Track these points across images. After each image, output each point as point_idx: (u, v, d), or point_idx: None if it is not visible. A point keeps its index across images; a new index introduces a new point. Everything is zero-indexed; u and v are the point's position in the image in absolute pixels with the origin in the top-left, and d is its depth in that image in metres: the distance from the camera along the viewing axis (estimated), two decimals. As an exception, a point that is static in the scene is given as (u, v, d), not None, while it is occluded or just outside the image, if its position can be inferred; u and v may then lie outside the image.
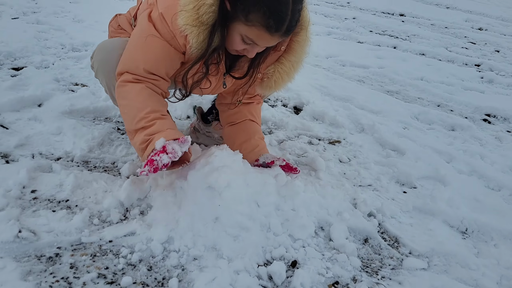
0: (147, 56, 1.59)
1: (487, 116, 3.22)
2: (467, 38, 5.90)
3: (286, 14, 1.40)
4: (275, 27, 1.41)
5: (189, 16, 1.46)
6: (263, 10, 1.38)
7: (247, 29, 1.45)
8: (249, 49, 1.55)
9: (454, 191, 2.10)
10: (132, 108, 1.59)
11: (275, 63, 1.76)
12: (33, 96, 2.40)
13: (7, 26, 3.73)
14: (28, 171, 1.73)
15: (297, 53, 1.71)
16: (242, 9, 1.41)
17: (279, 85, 1.80)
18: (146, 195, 1.72)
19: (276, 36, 1.46)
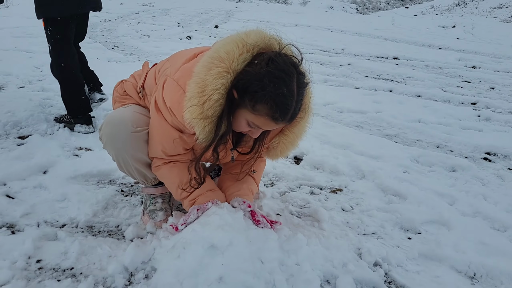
0: (164, 144, 1.77)
1: (487, 154, 3.24)
2: (461, 77, 6.01)
3: (291, 106, 1.50)
4: (281, 118, 1.51)
5: (194, 110, 1.53)
6: (270, 104, 1.47)
7: (253, 117, 1.53)
8: (253, 131, 1.64)
9: (459, 234, 2.09)
10: (170, 185, 1.89)
11: (279, 134, 1.83)
12: (38, 164, 2.47)
13: (14, 95, 3.87)
14: (34, 241, 1.76)
15: (300, 125, 1.79)
16: (249, 99, 1.49)
17: (284, 153, 1.89)
18: (150, 257, 1.73)
19: (281, 124, 1.56)
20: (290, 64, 1.50)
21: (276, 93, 1.45)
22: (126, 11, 14.08)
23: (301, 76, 1.54)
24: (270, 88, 1.45)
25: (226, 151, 1.87)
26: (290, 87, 1.48)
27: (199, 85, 1.51)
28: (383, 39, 10.05)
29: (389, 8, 27.69)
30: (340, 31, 11.52)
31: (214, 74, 1.49)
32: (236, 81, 1.50)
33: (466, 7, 20.33)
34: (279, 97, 1.46)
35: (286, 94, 1.47)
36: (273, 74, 1.46)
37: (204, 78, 1.50)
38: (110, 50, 7.06)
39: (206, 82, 1.50)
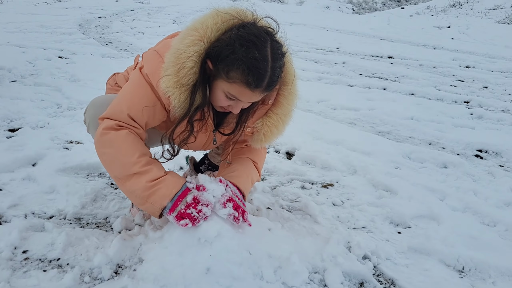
0: (133, 102, 1.63)
1: (478, 151, 3.25)
2: (455, 76, 6.02)
3: (265, 71, 1.46)
4: (254, 84, 1.46)
5: (170, 79, 1.52)
6: (242, 68, 1.43)
7: (229, 86, 1.50)
8: (233, 105, 1.59)
9: (448, 229, 2.09)
10: (119, 154, 1.59)
11: (263, 117, 1.78)
12: (27, 156, 2.45)
13: (5, 89, 3.84)
14: (20, 232, 1.74)
15: (283, 106, 1.74)
16: (222, 67, 1.47)
17: (268, 138, 1.81)
18: (137, 249, 1.72)
19: (257, 92, 1.50)
20: (263, 31, 1.49)
21: (247, 57, 1.43)
22: (121, 8, 14.02)
23: (276, 44, 1.51)
24: (241, 52, 1.43)
25: (208, 132, 1.81)
26: (263, 51, 1.45)
27: (174, 54, 1.52)
28: (378, 38, 10.06)
29: (385, 8, 27.74)
30: (335, 30, 11.53)
31: (187, 42, 1.50)
32: (209, 50, 1.49)
33: (461, 8, 20.40)
34: (250, 60, 1.43)
35: (258, 57, 1.43)
36: (244, 38, 1.44)
37: (179, 48, 1.51)
38: (104, 46, 7.02)
39: (180, 50, 1.50)
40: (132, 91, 1.66)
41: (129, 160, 1.57)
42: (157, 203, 1.58)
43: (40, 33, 7.56)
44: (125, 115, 1.62)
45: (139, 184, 1.57)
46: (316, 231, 2.00)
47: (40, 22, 8.96)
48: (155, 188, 1.58)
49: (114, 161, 1.60)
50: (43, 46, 6.28)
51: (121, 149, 1.59)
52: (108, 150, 1.60)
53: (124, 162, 1.58)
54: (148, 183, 1.57)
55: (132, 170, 1.57)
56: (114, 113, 1.63)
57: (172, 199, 1.60)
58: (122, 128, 1.62)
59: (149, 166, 1.60)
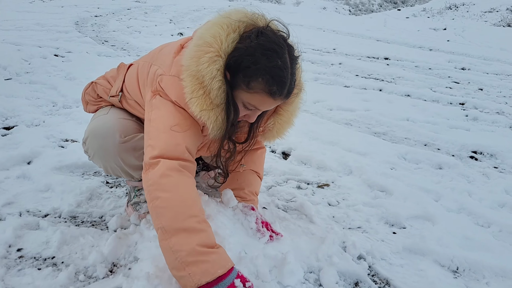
0: (184, 132, 1.51)
1: (473, 153, 3.26)
2: (450, 78, 6.05)
3: (287, 78, 1.43)
4: (278, 92, 1.43)
5: (202, 103, 1.45)
6: (266, 78, 1.39)
7: (249, 97, 1.46)
8: (250, 114, 1.56)
9: (443, 229, 2.10)
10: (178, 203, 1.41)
11: (274, 115, 1.75)
12: (23, 154, 2.44)
13: (0, 87, 3.83)
14: (15, 230, 1.74)
15: (293, 102, 1.72)
16: (243, 78, 1.42)
17: (280, 133, 1.80)
18: (133, 248, 1.72)
19: (279, 100, 1.48)
20: (279, 36, 1.46)
21: (270, 66, 1.39)
22: (117, 7, 13.99)
23: (291, 48, 1.49)
24: (263, 61, 1.38)
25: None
26: (284, 58, 1.41)
27: (196, 77, 1.43)
28: (375, 39, 10.10)
29: (382, 10, 27.84)
30: (332, 31, 11.56)
31: (205, 62, 1.41)
32: (228, 61, 1.43)
33: (458, 10, 20.51)
34: (274, 69, 1.39)
35: (281, 66, 1.40)
36: (265, 46, 1.39)
37: (198, 69, 1.42)
38: (100, 44, 7.01)
39: (202, 72, 1.41)
40: (173, 120, 1.51)
41: (187, 211, 1.40)
42: (195, 276, 1.34)
43: (36, 31, 7.54)
44: (183, 148, 1.49)
45: (188, 245, 1.35)
46: (312, 231, 2.01)
47: (36, 20, 8.94)
48: (202, 258, 1.35)
49: (169, 208, 1.40)
50: (39, 44, 6.27)
51: (181, 197, 1.42)
52: (166, 194, 1.41)
53: (180, 212, 1.39)
54: (198, 248, 1.35)
55: (185, 224, 1.38)
56: (170, 150, 1.47)
57: (212, 279, 1.35)
58: (185, 171, 1.47)
59: (205, 226, 1.42)
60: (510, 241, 2.07)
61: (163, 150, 1.46)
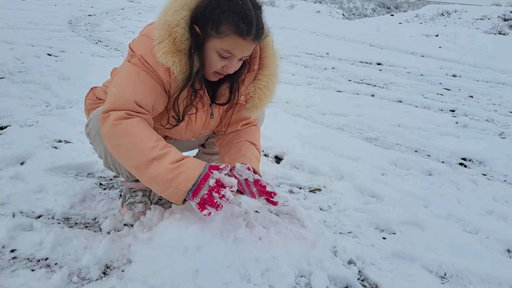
0: (136, 88, 1.62)
1: (463, 160, 3.32)
2: (441, 84, 6.13)
3: (252, 17, 1.54)
4: (246, 30, 1.53)
5: (167, 48, 1.56)
6: (232, 17, 1.51)
7: (221, 42, 1.56)
8: (228, 64, 1.63)
9: (432, 235, 2.14)
10: (136, 142, 1.55)
11: (254, 81, 1.84)
12: (16, 155, 2.44)
13: (-7, 86, 3.81)
14: (8, 231, 1.74)
15: (269, 67, 1.82)
16: (211, 25, 1.54)
17: (263, 101, 1.85)
18: (126, 250, 1.73)
19: (249, 40, 1.57)
20: None
21: (234, 7, 1.51)
22: (111, 7, 13.96)
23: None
24: (226, 4, 1.51)
25: (206, 108, 1.84)
26: (245, 2, 1.54)
27: (163, 26, 1.57)
28: (368, 44, 10.19)
29: (375, 15, 28.02)
30: (325, 35, 11.64)
31: (171, 14, 1.56)
32: (194, 14, 1.56)
33: (450, 17, 20.72)
34: (238, 9, 1.51)
35: (242, 5, 1.52)
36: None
37: (165, 20, 1.57)
38: (94, 44, 6.99)
39: (168, 22, 1.56)
40: (130, 79, 1.64)
41: (147, 145, 1.55)
42: (181, 185, 1.54)
43: (29, 30, 7.49)
44: (131, 102, 1.60)
45: (161, 168, 1.54)
46: (303, 235, 2.03)
47: (29, 18, 8.89)
48: (178, 170, 1.54)
49: (131, 150, 1.55)
50: (32, 43, 6.23)
51: (136, 136, 1.55)
52: (123, 140, 1.56)
53: (142, 148, 1.54)
54: (171, 165, 1.54)
55: (151, 155, 1.54)
56: (119, 103, 1.60)
57: (195, 181, 1.55)
58: (132, 116, 1.59)
59: (168, 149, 1.59)
60: (497, 248, 2.12)
61: (112, 105, 1.60)
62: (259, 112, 1.90)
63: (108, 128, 1.57)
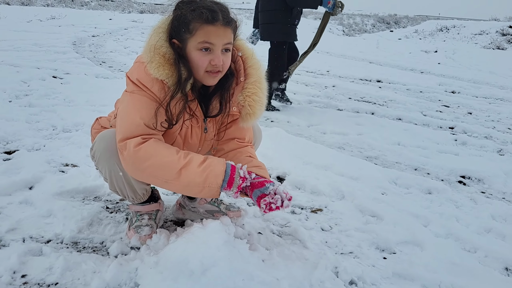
0: (142, 113, 1.74)
1: (462, 178, 3.37)
2: (441, 101, 6.21)
3: (213, 7, 1.69)
4: (211, 16, 1.67)
5: (158, 63, 1.71)
6: (195, 12, 1.67)
7: (196, 37, 1.70)
8: (213, 57, 1.73)
9: (431, 255, 2.18)
10: (161, 160, 1.69)
11: (242, 91, 1.95)
12: (24, 180, 2.50)
13: (0, 110, 3.90)
14: (19, 256, 1.79)
15: (253, 74, 1.93)
16: (183, 30, 1.70)
17: (254, 108, 1.95)
18: (133, 273, 1.78)
19: (219, 25, 1.70)
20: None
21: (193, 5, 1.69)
22: (114, 27, 14.19)
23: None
24: (186, 7, 1.69)
25: (200, 123, 1.94)
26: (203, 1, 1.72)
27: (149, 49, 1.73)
28: (368, 61, 10.32)
29: (375, 30, 28.31)
30: (326, 52, 11.80)
31: (153, 38, 1.74)
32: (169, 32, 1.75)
33: (448, 32, 20.93)
34: (196, 5, 1.69)
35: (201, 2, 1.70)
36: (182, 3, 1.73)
37: (150, 45, 1.74)
38: (98, 66, 7.12)
39: (152, 45, 1.72)
40: (134, 105, 1.76)
41: (171, 159, 1.69)
42: (213, 183, 1.71)
43: (34, 52, 7.65)
44: (142, 126, 1.73)
45: (191, 174, 1.69)
46: (305, 256, 2.08)
47: (34, 40, 9.06)
48: (206, 171, 1.70)
49: (159, 168, 1.69)
50: (37, 65, 6.36)
51: (159, 155, 1.69)
52: (148, 162, 1.69)
53: (168, 163, 1.68)
54: (198, 169, 1.70)
55: (179, 166, 1.68)
56: (132, 131, 1.73)
57: (224, 176, 1.73)
58: (148, 139, 1.73)
59: (189, 155, 1.73)
60: (495, 266, 2.16)
61: (126, 133, 1.72)
62: (254, 120, 2.00)
63: (130, 155, 1.70)
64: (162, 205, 2.34)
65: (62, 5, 27.52)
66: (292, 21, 5.00)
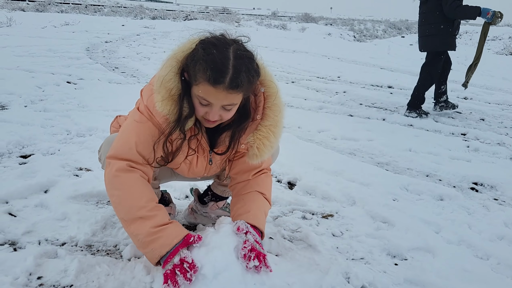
0: (139, 138, 1.72)
1: (474, 184, 3.35)
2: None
3: (225, 67, 1.54)
4: (213, 78, 1.54)
5: (163, 97, 1.65)
6: (203, 66, 1.55)
7: (197, 89, 1.60)
8: (209, 111, 1.65)
9: (443, 262, 2.17)
10: (128, 198, 1.66)
11: (254, 131, 1.86)
12: (40, 183, 2.55)
13: (16, 115, 3.98)
14: (35, 258, 1.83)
15: (270, 117, 1.82)
16: (192, 73, 1.60)
17: (262, 151, 1.85)
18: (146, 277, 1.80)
19: (221, 89, 1.56)
20: (227, 38, 1.63)
21: (206, 54, 1.56)
22: (127, 33, 14.34)
23: (241, 46, 1.63)
24: (201, 53, 1.57)
25: (205, 154, 1.90)
26: (223, 51, 1.56)
27: (158, 80, 1.66)
28: (379, 67, 10.29)
29: (386, 36, 28.25)
30: (337, 58, 11.79)
31: (165, 67, 1.67)
32: (181, 64, 1.65)
33: (461, 38, 20.78)
34: (210, 56, 1.55)
35: (216, 54, 1.55)
36: (205, 42, 1.61)
37: (160, 74, 1.67)
38: (111, 71, 7.21)
39: (162, 76, 1.65)
40: (135, 128, 1.75)
41: (136, 204, 1.65)
42: (156, 250, 1.63)
43: (49, 57, 7.77)
44: (134, 152, 1.71)
45: (143, 229, 1.63)
46: (316, 261, 2.08)
47: (49, 46, 9.20)
48: (157, 235, 1.63)
49: (122, 203, 1.68)
50: (51, 71, 6.47)
51: (130, 193, 1.67)
52: (117, 192, 1.69)
53: (131, 206, 1.65)
54: (152, 229, 1.63)
55: (138, 214, 1.64)
56: (123, 152, 1.72)
57: (171, 249, 1.62)
58: (133, 170, 1.70)
59: (155, 212, 1.68)
60: (508, 274, 2.14)
61: (116, 152, 1.72)
62: (259, 160, 1.90)
63: (109, 176, 1.71)
64: (174, 209, 2.37)
65: (76, 11, 27.93)
66: (453, 32, 5.28)
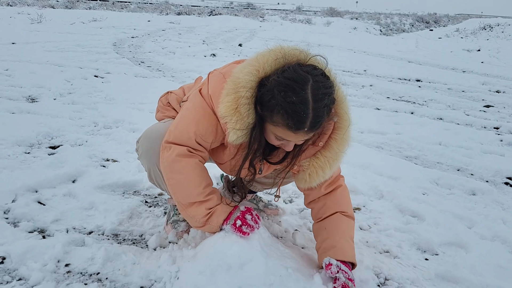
0: (199, 127, 1.71)
1: (508, 179, 3.22)
2: (484, 101, 5.98)
3: (305, 113, 1.47)
4: (295, 127, 1.48)
5: (228, 107, 1.58)
6: (282, 113, 1.48)
7: (275, 129, 1.55)
8: (285, 144, 1.63)
9: (476, 257, 2.09)
10: (189, 183, 1.73)
11: (311, 157, 1.79)
12: (68, 173, 2.58)
13: (46, 107, 4.06)
14: (63, 246, 1.85)
15: (333, 150, 1.74)
16: (267, 112, 1.53)
17: (313, 179, 1.80)
18: (172, 266, 1.80)
19: (301, 133, 1.52)
20: (306, 72, 1.50)
21: (285, 102, 1.46)
22: (153, 28, 14.48)
23: (319, 83, 1.49)
24: (279, 97, 1.47)
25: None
26: (301, 94, 1.46)
27: (234, 82, 1.58)
28: (406, 61, 10.07)
29: (414, 30, 27.65)
30: (363, 52, 11.60)
31: (246, 72, 1.57)
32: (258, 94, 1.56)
33: (492, 31, 20.16)
34: (289, 105, 1.46)
35: (296, 101, 1.45)
36: (282, 83, 1.48)
37: (238, 76, 1.58)
38: (137, 65, 7.28)
39: (239, 79, 1.57)
40: (195, 115, 1.73)
41: (196, 190, 1.73)
42: (213, 222, 1.74)
43: (77, 52, 7.91)
44: (193, 140, 1.72)
45: (200, 211, 1.74)
46: (344, 255, 2.04)
47: (77, 41, 9.37)
48: (211, 212, 1.74)
49: (181, 187, 1.74)
50: (80, 65, 6.58)
51: (190, 178, 1.73)
52: (178, 176, 1.73)
53: (190, 190, 1.73)
54: (208, 210, 1.74)
55: (195, 199, 1.73)
56: (183, 139, 1.73)
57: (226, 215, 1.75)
58: (193, 155, 1.74)
59: (211, 195, 1.76)
60: (546, 272, 2.05)
61: (176, 138, 1.74)
62: (306, 186, 1.84)
63: (169, 160, 1.73)
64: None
65: (103, 8, 28.37)
66: None
